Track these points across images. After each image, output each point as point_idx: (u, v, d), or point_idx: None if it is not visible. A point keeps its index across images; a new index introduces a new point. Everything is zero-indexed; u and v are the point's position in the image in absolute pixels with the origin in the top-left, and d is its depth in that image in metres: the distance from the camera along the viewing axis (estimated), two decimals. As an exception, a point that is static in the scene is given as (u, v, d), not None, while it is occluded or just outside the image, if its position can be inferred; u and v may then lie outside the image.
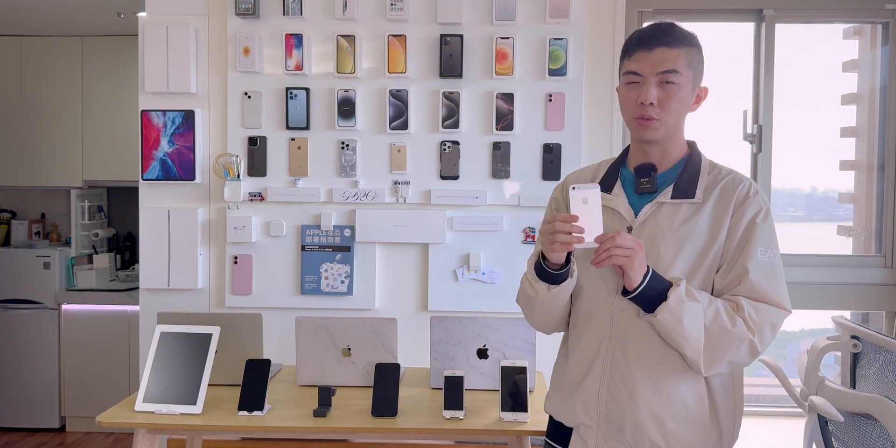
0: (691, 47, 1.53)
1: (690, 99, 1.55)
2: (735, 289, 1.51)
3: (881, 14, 2.95)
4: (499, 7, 2.76)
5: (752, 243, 1.52)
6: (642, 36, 1.53)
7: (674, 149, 1.59)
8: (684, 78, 1.51)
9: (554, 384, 1.69)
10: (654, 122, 1.52)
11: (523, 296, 1.62)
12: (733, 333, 1.46)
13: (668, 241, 1.51)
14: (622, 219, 1.56)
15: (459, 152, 2.80)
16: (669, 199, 1.54)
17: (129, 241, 4.61)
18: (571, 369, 1.61)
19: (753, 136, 2.95)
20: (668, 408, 1.51)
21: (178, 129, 2.86)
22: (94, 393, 4.07)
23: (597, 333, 1.56)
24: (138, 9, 3.17)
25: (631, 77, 1.53)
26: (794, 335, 3.71)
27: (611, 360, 1.54)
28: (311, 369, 2.34)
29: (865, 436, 1.69)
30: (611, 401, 1.54)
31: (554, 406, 1.66)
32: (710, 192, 1.55)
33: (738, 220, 1.53)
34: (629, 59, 1.55)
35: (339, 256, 2.83)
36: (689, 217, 1.53)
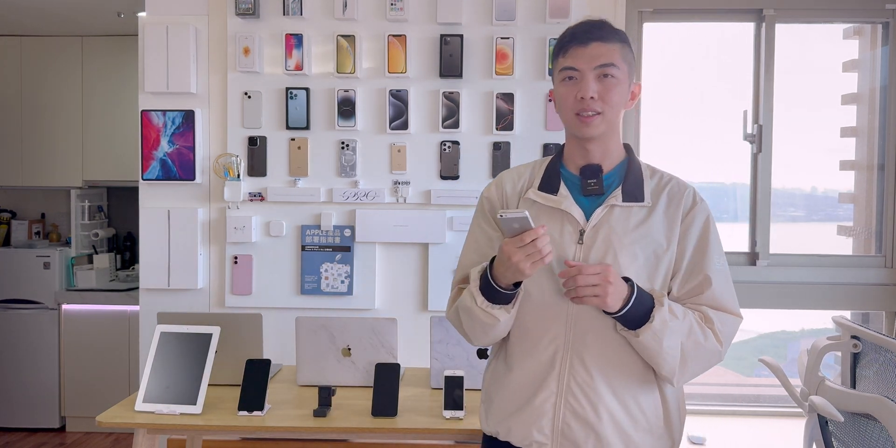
0: (624, 43, 1.52)
1: (628, 94, 1.53)
2: (697, 298, 1.49)
3: (881, 14, 2.95)
4: (499, 7, 2.76)
5: (708, 252, 1.51)
6: (575, 32, 1.51)
7: (614, 148, 1.56)
8: (621, 72, 1.49)
9: (493, 401, 1.58)
10: (597, 117, 1.49)
11: (475, 322, 1.50)
12: (706, 347, 1.46)
13: (623, 245, 1.48)
14: (574, 222, 1.51)
15: (459, 152, 2.80)
16: (621, 202, 1.51)
17: (129, 241, 4.61)
18: (519, 384, 1.52)
19: (753, 136, 2.96)
20: (630, 418, 1.48)
21: (178, 129, 2.86)
22: (94, 393, 4.07)
23: (550, 345, 1.49)
24: (138, 9, 3.17)
25: (567, 72, 1.50)
26: (794, 335, 3.71)
27: (568, 372, 1.48)
28: (311, 369, 2.33)
29: (865, 436, 1.69)
30: (570, 415, 1.47)
31: (497, 426, 1.55)
32: (658, 197, 1.54)
33: (689, 226, 1.52)
34: (564, 56, 1.51)
35: (339, 256, 2.83)
36: (642, 221, 1.51)
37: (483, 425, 1.61)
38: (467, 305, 1.50)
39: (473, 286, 1.48)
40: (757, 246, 2.95)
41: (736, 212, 3.16)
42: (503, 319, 1.47)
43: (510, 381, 1.54)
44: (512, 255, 1.37)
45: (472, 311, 1.49)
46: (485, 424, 1.60)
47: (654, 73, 3.00)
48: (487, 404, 1.60)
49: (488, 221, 1.62)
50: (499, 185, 1.63)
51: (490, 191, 1.64)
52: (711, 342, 1.46)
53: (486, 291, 1.46)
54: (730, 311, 1.51)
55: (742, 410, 2.96)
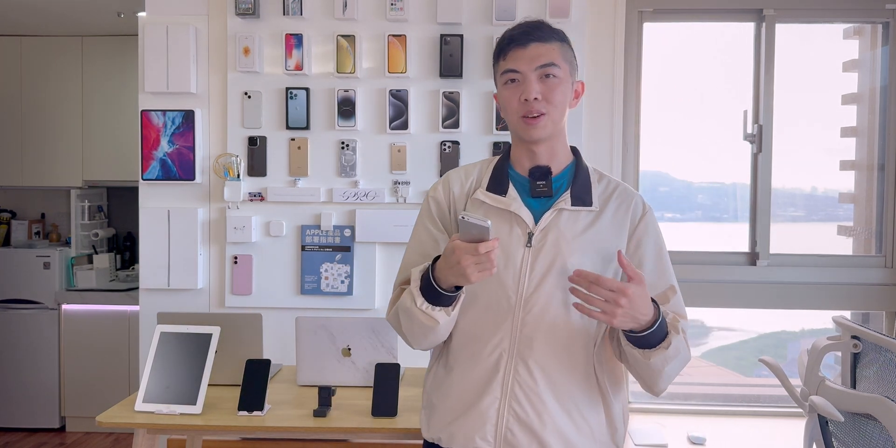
0: (563, 42, 1.52)
1: (570, 94, 1.53)
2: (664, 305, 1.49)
3: (881, 14, 2.95)
4: (499, 7, 2.76)
5: (666, 262, 1.54)
6: (514, 34, 1.51)
7: (560, 150, 1.56)
8: (562, 71, 1.49)
9: (436, 407, 1.55)
10: (542, 118, 1.48)
11: (415, 324, 1.46)
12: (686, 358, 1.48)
13: (572, 250, 1.47)
14: (523, 224, 1.50)
15: (459, 152, 2.80)
16: (570, 205, 1.50)
17: (129, 241, 4.61)
18: (463, 389, 1.49)
19: (753, 136, 2.95)
20: (573, 425, 1.47)
21: (178, 129, 2.86)
22: (94, 393, 4.07)
23: (495, 349, 1.47)
24: (138, 9, 3.17)
25: (510, 75, 1.50)
26: (794, 335, 3.71)
27: (513, 377, 1.46)
28: (311, 369, 2.33)
29: (866, 436, 1.69)
30: (514, 421, 1.45)
31: (440, 432, 1.53)
32: (606, 202, 1.54)
33: (644, 236, 1.53)
34: (504, 60, 1.51)
35: (339, 256, 2.83)
36: (589, 225, 1.50)
37: (424, 432, 1.58)
38: (407, 306, 1.46)
39: (414, 286, 1.44)
40: (757, 246, 2.95)
41: (736, 212, 3.15)
42: (443, 322, 1.43)
43: (454, 386, 1.51)
44: (462, 259, 1.33)
45: (411, 312, 1.44)
46: (426, 430, 1.58)
47: (654, 73, 3.00)
48: (429, 410, 1.58)
49: (434, 222, 1.59)
50: (446, 185, 1.61)
51: (437, 191, 1.62)
52: (687, 351, 1.48)
53: (426, 292, 1.42)
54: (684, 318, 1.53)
55: (742, 410, 2.96)
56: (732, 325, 3.74)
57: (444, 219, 1.60)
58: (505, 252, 1.48)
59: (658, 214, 2.66)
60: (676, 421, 2.82)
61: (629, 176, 2.91)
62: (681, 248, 2.98)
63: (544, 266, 1.47)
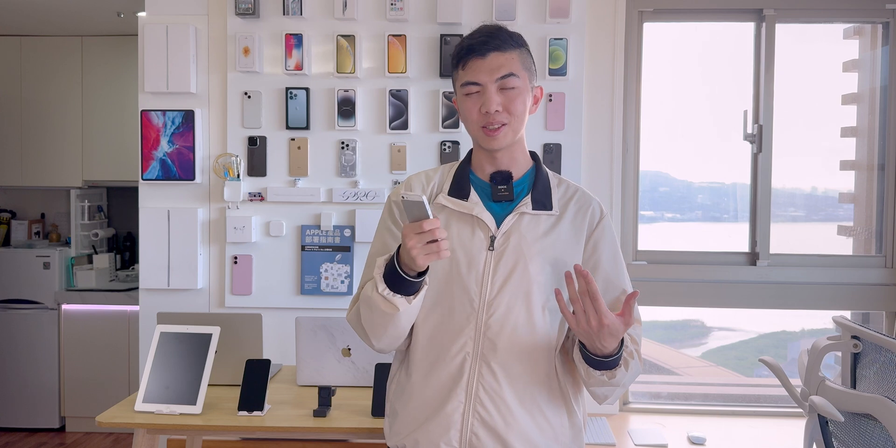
0: (521, 48, 1.53)
1: (530, 101, 1.54)
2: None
3: (881, 14, 2.95)
4: (499, 7, 2.76)
5: (620, 267, 1.56)
6: (472, 43, 1.50)
7: (520, 155, 1.58)
8: (521, 80, 1.50)
9: (399, 414, 1.54)
10: (503, 128, 1.50)
11: (375, 313, 1.44)
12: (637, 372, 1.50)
13: (533, 252, 1.49)
14: (485, 227, 1.51)
15: (459, 152, 2.80)
16: (530, 210, 1.52)
17: (129, 241, 4.61)
18: (426, 395, 1.49)
19: (753, 136, 2.95)
20: (536, 427, 1.48)
21: (177, 129, 2.86)
22: (94, 393, 4.07)
23: (459, 353, 1.47)
24: (138, 9, 3.17)
25: (470, 88, 1.50)
26: (794, 335, 3.71)
27: (477, 381, 1.46)
28: (311, 369, 2.33)
29: (866, 436, 1.69)
30: (479, 425, 1.45)
31: (404, 439, 1.52)
32: (565, 207, 1.56)
33: (599, 239, 1.55)
34: (463, 70, 1.51)
35: (339, 256, 2.83)
36: (550, 229, 1.52)
37: (388, 440, 1.58)
38: (368, 295, 1.44)
39: (377, 273, 1.43)
40: (757, 246, 2.95)
41: (736, 212, 3.16)
42: (402, 309, 1.40)
43: (416, 391, 1.51)
44: (408, 239, 1.34)
45: (371, 300, 1.43)
46: (389, 438, 1.57)
47: (654, 73, 3.00)
48: (392, 417, 1.57)
49: (397, 224, 1.59)
50: (408, 189, 1.62)
51: (398, 195, 1.60)
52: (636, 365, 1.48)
53: (389, 279, 1.41)
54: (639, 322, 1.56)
55: (742, 410, 2.96)
56: (732, 325, 3.74)
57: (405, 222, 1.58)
58: (467, 256, 1.49)
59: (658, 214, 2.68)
60: (676, 421, 2.82)
61: (629, 176, 2.91)
62: (681, 248, 2.98)
63: (507, 269, 1.48)
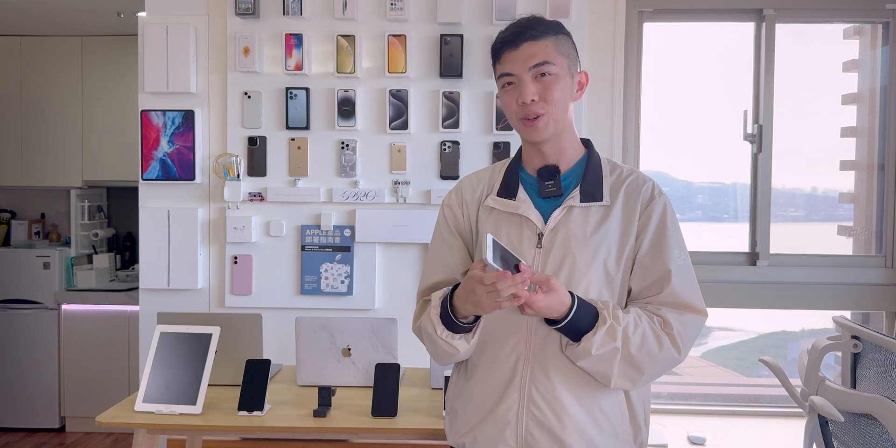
0: (558, 35, 1.49)
1: (572, 87, 1.50)
2: (657, 296, 1.46)
3: (881, 14, 2.95)
4: (499, 7, 2.76)
5: (667, 247, 1.47)
6: (506, 36, 1.49)
7: (569, 146, 1.53)
8: (558, 67, 1.46)
9: (458, 413, 1.55)
10: (541, 118, 1.46)
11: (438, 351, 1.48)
12: (660, 358, 1.43)
13: (582, 248, 1.45)
14: (532, 226, 1.48)
15: (459, 152, 2.80)
16: (578, 202, 1.48)
17: (129, 241, 4.61)
18: (481, 395, 1.50)
19: (753, 136, 2.95)
20: (595, 424, 1.45)
21: (177, 129, 2.86)
22: (94, 393, 4.07)
23: (511, 354, 1.47)
24: (138, 9, 3.17)
25: (506, 79, 1.48)
26: (794, 335, 3.71)
27: (529, 380, 1.45)
28: (311, 369, 2.33)
29: (866, 436, 1.69)
30: (534, 425, 1.45)
31: (463, 437, 1.53)
32: (617, 194, 1.50)
33: (647, 221, 1.48)
34: (500, 63, 1.50)
35: (339, 256, 2.83)
36: (601, 221, 1.47)
37: (448, 438, 1.59)
38: (429, 332, 1.48)
39: (434, 314, 1.45)
40: (757, 246, 2.95)
41: (736, 212, 3.16)
42: (463, 350, 1.45)
43: (473, 392, 1.51)
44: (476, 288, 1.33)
45: (433, 339, 1.47)
46: (450, 437, 1.58)
47: (654, 73, 3.00)
48: (452, 416, 1.58)
49: (449, 230, 1.59)
50: (459, 193, 1.60)
51: (451, 199, 1.61)
52: (667, 351, 1.43)
53: (445, 320, 1.44)
54: (692, 309, 1.46)
55: (742, 410, 2.96)
56: (732, 325, 3.74)
57: (458, 226, 1.59)
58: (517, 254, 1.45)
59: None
60: (676, 421, 2.82)
61: (629, 176, 2.91)
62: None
63: (555, 266, 1.45)
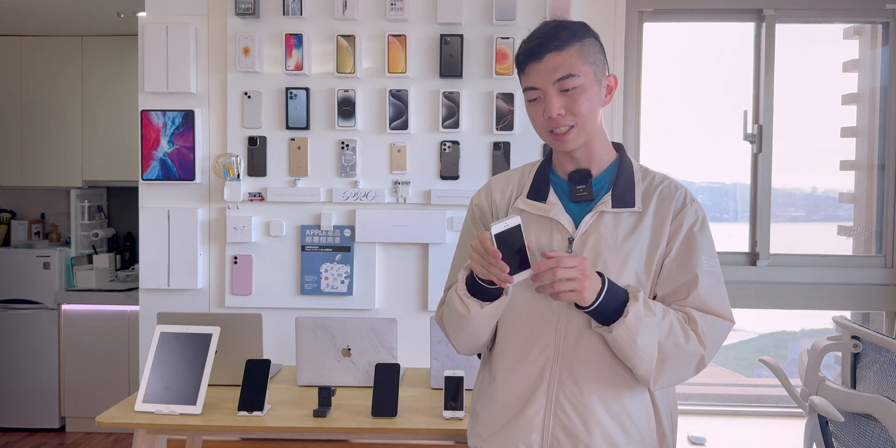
0: (583, 40, 1.45)
1: (600, 95, 1.47)
2: (683, 300, 1.44)
3: (881, 14, 2.95)
4: (499, 7, 2.76)
5: (695, 252, 1.46)
6: (529, 47, 1.45)
7: (601, 150, 1.52)
8: (584, 78, 1.43)
9: (480, 416, 1.54)
10: (570, 131, 1.45)
11: (451, 314, 1.47)
12: (686, 349, 1.40)
13: (613, 253, 1.44)
14: (563, 230, 1.47)
15: (459, 152, 2.80)
16: (610, 208, 1.46)
17: (129, 241, 4.61)
18: (506, 398, 1.48)
19: (753, 136, 2.95)
20: (622, 431, 1.43)
21: (177, 129, 2.86)
22: (94, 393, 4.07)
23: (538, 357, 1.45)
24: (138, 9, 3.17)
25: (531, 93, 1.46)
26: (794, 335, 3.71)
27: (557, 385, 1.43)
28: (311, 369, 2.33)
29: (866, 436, 1.69)
30: (560, 430, 1.43)
31: (483, 441, 1.51)
32: (649, 200, 1.49)
33: (678, 228, 1.47)
34: (524, 75, 1.47)
35: (339, 256, 2.83)
36: (633, 227, 1.46)
37: (469, 440, 1.57)
38: (450, 296, 1.49)
39: (462, 274, 1.45)
40: (757, 246, 2.95)
41: (736, 212, 3.16)
42: (473, 312, 1.42)
43: (497, 395, 1.50)
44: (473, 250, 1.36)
45: (451, 299, 1.47)
46: (471, 439, 1.56)
47: (654, 73, 3.00)
48: (474, 419, 1.56)
49: (478, 227, 1.59)
50: (488, 193, 1.60)
51: (480, 198, 1.61)
52: (693, 344, 1.40)
53: (470, 284, 1.43)
54: (719, 314, 1.44)
55: (742, 410, 2.96)
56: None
57: (487, 224, 1.56)
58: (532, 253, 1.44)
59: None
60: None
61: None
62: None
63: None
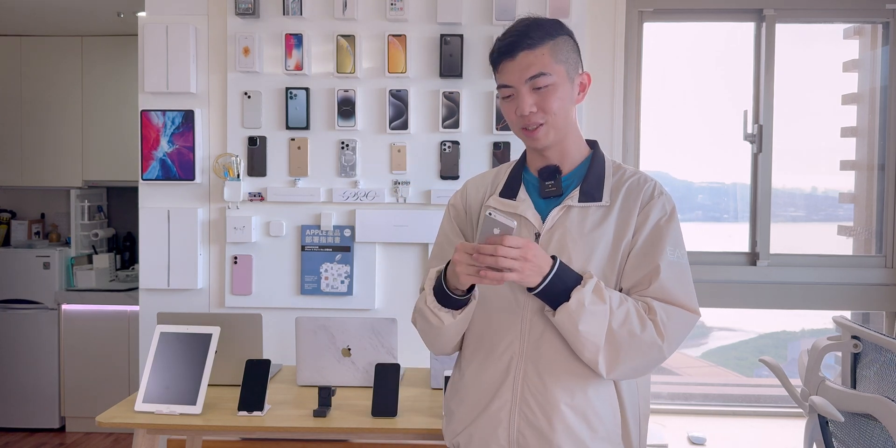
0: (556, 39, 1.47)
1: (572, 92, 1.49)
2: (645, 290, 1.44)
3: (881, 14, 2.95)
4: (499, 7, 2.76)
5: (660, 243, 1.45)
6: (502, 45, 1.48)
7: (573, 148, 1.53)
8: (556, 76, 1.45)
9: (454, 412, 1.55)
10: (541, 128, 1.46)
11: (425, 324, 1.49)
12: (642, 339, 1.39)
13: (578, 247, 1.44)
14: (529, 225, 1.48)
15: (459, 152, 2.80)
16: (577, 202, 1.48)
17: (129, 241, 4.61)
18: (474, 393, 1.50)
19: (753, 136, 2.95)
20: (587, 426, 1.44)
21: (177, 129, 2.86)
22: (94, 393, 4.07)
23: (505, 352, 1.46)
24: (138, 9, 3.17)
25: (504, 90, 1.48)
26: (794, 335, 3.71)
27: (522, 380, 1.44)
28: (311, 369, 2.33)
29: (866, 436, 1.69)
30: (525, 425, 1.44)
31: (458, 436, 1.53)
32: (617, 194, 1.49)
33: (644, 220, 1.47)
34: (498, 73, 1.49)
35: (339, 256, 2.83)
36: (599, 221, 1.47)
37: (445, 437, 1.59)
38: (419, 306, 1.49)
39: (428, 285, 1.46)
40: (757, 246, 2.95)
41: (736, 212, 3.16)
42: (447, 323, 1.44)
43: (467, 390, 1.52)
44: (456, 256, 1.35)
45: (422, 311, 1.48)
46: (446, 436, 1.58)
47: (654, 73, 3.00)
48: (448, 416, 1.58)
49: (452, 228, 1.61)
50: (464, 194, 1.63)
51: (456, 199, 1.64)
52: (650, 334, 1.39)
53: (438, 293, 1.44)
54: (682, 305, 1.43)
55: (742, 410, 2.96)
56: (732, 325, 3.74)
57: (462, 224, 1.61)
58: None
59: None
60: (676, 421, 2.82)
61: (629, 176, 2.91)
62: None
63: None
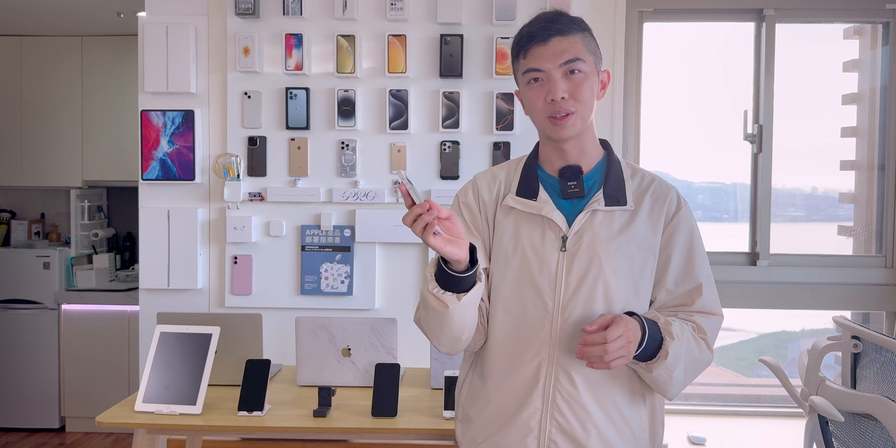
0: (585, 32, 1.46)
1: (598, 86, 1.47)
2: (689, 308, 1.47)
3: (881, 14, 2.95)
4: (499, 7, 2.76)
5: (697, 258, 1.48)
6: (532, 30, 1.43)
7: (590, 145, 1.50)
8: (588, 65, 1.43)
9: (474, 420, 1.51)
10: (570, 117, 1.42)
11: (430, 313, 1.41)
12: (701, 361, 1.45)
13: (608, 252, 1.43)
14: (556, 228, 1.45)
15: (459, 152, 2.80)
16: (603, 206, 1.45)
17: (129, 241, 4.61)
18: (498, 401, 1.46)
19: (754, 136, 2.96)
20: (616, 431, 1.44)
21: (177, 129, 2.86)
22: (93, 393, 4.07)
23: (533, 358, 1.43)
24: (138, 9, 3.17)
25: (533, 74, 1.43)
26: (794, 335, 3.71)
27: (553, 386, 1.42)
28: (311, 369, 2.33)
29: (866, 436, 1.69)
30: (557, 432, 1.42)
31: (479, 444, 1.49)
32: (641, 199, 1.48)
33: (675, 232, 1.48)
34: (525, 58, 1.44)
35: (339, 256, 2.83)
36: (625, 226, 1.45)
37: (461, 444, 1.55)
38: (423, 294, 1.42)
39: (429, 271, 1.40)
40: (757, 246, 2.95)
41: (736, 212, 3.16)
42: (451, 307, 1.36)
43: (491, 397, 1.48)
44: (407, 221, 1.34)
45: (426, 299, 1.41)
46: (465, 445, 1.54)
47: (654, 73, 3.00)
48: (466, 423, 1.54)
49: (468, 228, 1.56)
50: (476, 191, 1.57)
51: (467, 196, 1.57)
52: (705, 353, 1.46)
53: (440, 277, 1.38)
54: (716, 314, 1.49)
55: (742, 410, 2.96)
56: (732, 325, 3.74)
57: (475, 224, 1.55)
58: (539, 258, 1.44)
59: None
60: (676, 421, 2.82)
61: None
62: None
63: (581, 270, 1.43)
